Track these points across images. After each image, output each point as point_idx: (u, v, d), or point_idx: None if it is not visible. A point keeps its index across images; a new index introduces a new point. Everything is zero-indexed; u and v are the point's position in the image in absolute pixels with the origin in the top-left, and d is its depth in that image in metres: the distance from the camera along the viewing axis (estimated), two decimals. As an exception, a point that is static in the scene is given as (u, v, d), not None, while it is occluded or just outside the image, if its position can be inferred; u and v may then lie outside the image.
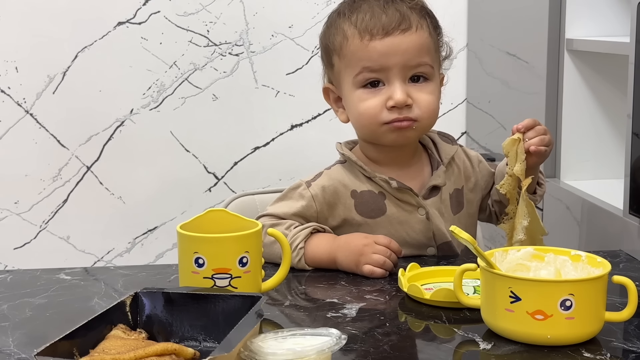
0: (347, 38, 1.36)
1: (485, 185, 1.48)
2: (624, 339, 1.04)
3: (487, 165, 1.50)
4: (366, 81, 1.36)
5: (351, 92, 1.38)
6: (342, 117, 1.44)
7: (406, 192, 1.39)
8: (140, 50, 2.22)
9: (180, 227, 1.13)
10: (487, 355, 1.00)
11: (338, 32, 1.38)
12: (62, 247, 2.28)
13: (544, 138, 1.33)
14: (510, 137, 1.33)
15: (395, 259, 1.31)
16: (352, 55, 1.36)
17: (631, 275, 1.08)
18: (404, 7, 1.37)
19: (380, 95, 1.35)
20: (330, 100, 1.45)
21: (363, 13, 1.36)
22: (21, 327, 1.09)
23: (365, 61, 1.35)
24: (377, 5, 1.37)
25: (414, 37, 1.35)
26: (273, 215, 1.39)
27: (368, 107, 1.36)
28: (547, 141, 1.33)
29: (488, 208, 1.49)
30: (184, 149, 2.29)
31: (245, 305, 0.98)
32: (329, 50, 1.41)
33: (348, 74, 1.37)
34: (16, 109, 2.21)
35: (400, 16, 1.35)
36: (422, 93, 1.36)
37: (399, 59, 1.34)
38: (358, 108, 1.37)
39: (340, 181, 1.40)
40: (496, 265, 1.05)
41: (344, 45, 1.37)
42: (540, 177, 1.43)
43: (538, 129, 1.33)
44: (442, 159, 1.43)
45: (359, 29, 1.35)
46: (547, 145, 1.33)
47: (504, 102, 2.21)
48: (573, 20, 1.87)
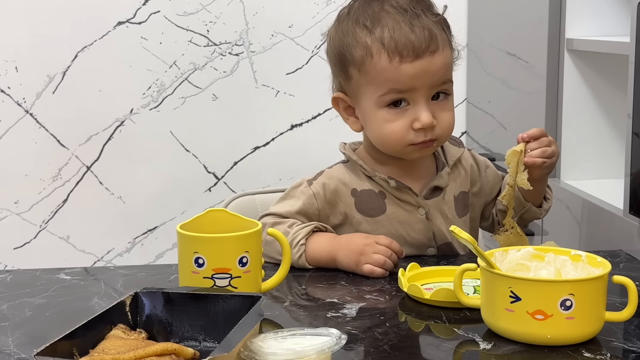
0: (372, 55, 1.32)
1: (490, 191, 1.47)
2: (624, 339, 1.04)
3: (495, 171, 1.48)
4: (391, 101, 1.33)
5: (373, 109, 1.34)
6: (354, 126, 1.40)
7: (405, 192, 1.39)
8: (140, 50, 2.22)
9: (180, 227, 1.13)
10: (487, 355, 1.00)
11: (358, 45, 1.33)
12: (62, 247, 2.28)
13: (545, 150, 1.31)
14: (512, 147, 1.32)
15: (396, 259, 1.31)
16: (378, 74, 1.32)
17: (631, 275, 1.08)
18: (430, 23, 1.33)
19: (405, 117, 1.33)
20: (340, 108, 1.41)
21: (389, 29, 1.31)
22: (21, 327, 1.09)
23: (394, 83, 1.31)
24: (403, 21, 1.32)
25: (441, 57, 1.33)
26: (275, 214, 1.39)
27: (394, 129, 1.33)
28: (549, 153, 1.31)
29: (491, 217, 1.48)
30: (184, 149, 2.29)
31: (245, 305, 0.98)
32: (345, 61, 1.36)
33: (371, 91, 1.34)
34: (16, 109, 2.21)
35: (429, 36, 1.32)
36: (444, 111, 1.35)
37: (428, 80, 1.32)
38: (382, 129, 1.34)
39: (341, 180, 1.41)
40: (496, 265, 1.05)
41: (368, 62, 1.32)
42: (548, 191, 1.42)
43: (542, 140, 1.32)
44: (447, 160, 1.43)
45: (388, 49, 1.31)
46: (549, 157, 1.31)
47: (504, 102, 2.21)
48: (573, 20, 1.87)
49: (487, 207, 1.48)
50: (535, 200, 1.40)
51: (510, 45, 2.14)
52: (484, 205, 1.48)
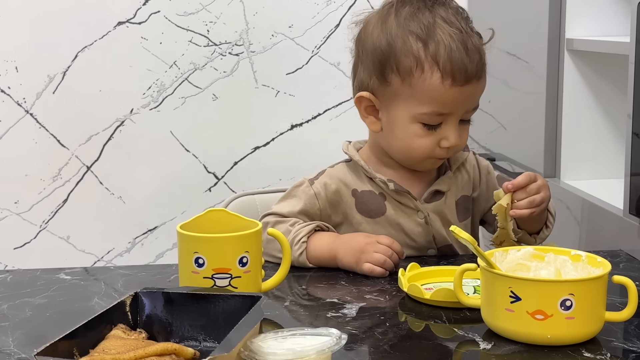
0: (423, 70, 1.29)
1: (488, 198, 1.45)
2: (624, 339, 1.04)
3: (494, 180, 1.46)
4: (429, 122, 1.32)
5: (406, 121, 1.33)
6: (374, 127, 1.38)
7: (405, 195, 1.39)
8: (140, 50, 2.22)
9: (180, 227, 1.13)
10: (487, 355, 1.00)
11: (408, 54, 1.30)
12: (62, 247, 2.27)
13: (533, 200, 1.28)
14: (499, 202, 1.28)
15: (397, 259, 1.31)
16: (425, 90, 1.30)
17: (631, 275, 1.08)
18: (480, 46, 1.33)
19: (435, 135, 1.32)
20: (361, 106, 1.38)
21: (445, 47, 1.29)
22: (21, 327, 1.09)
23: (438, 104, 1.30)
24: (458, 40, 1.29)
25: (482, 83, 1.34)
26: (277, 214, 1.39)
27: (424, 145, 1.33)
28: (537, 202, 1.28)
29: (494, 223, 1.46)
30: (184, 149, 2.29)
31: (245, 305, 0.98)
32: (387, 64, 1.32)
33: (410, 103, 1.31)
34: (16, 109, 2.20)
35: (480, 62, 1.31)
36: (465, 132, 1.36)
37: (468, 105, 1.33)
38: (411, 142, 1.33)
39: (342, 180, 1.40)
40: (496, 265, 1.05)
41: (416, 74, 1.30)
42: (549, 218, 1.40)
43: (530, 188, 1.28)
44: (450, 164, 1.43)
45: (442, 69, 1.28)
46: (537, 205, 1.28)
47: (504, 102, 2.21)
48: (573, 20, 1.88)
49: (487, 213, 1.47)
50: (531, 228, 1.38)
51: (510, 45, 2.14)
52: (482, 212, 1.47)
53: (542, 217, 1.38)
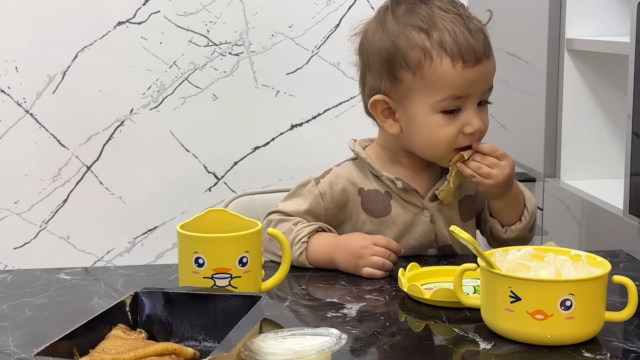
0: (432, 58, 1.29)
1: (483, 199, 1.45)
2: (624, 339, 1.04)
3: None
4: (449, 107, 1.31)
5: (426, 114, 1.32)
6: (393, 129, 1.36)
7: (412, 194, 1.39)
8: (140, 50, 2.22)
9: (180, 227, 1.13)
10: (487, 355, 1.00)
11: (414, 47, 1.30)
12: (62, 247, 2.27)
13: (480, 167, 1.31)
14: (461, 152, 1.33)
15: (395, 258, 1.31)
16: (438, 78, 1.29)
17: (631, 275, 1.08)
18: (482, 26, 1.33)
19: (457, 122, 1.32)
20: (377, 111, 1.37)
21: (449, 32, 1.29)
22: (21, 327, 1.09)
23: (454, 88, 1.30)
24: (460, 24, 1.30)
25: (493, 62, 1.34)
26: (282, 212, 1.39)
27: (447, 134, 1.32)
28: (482, 173, 1.31)
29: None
30: (184, 149, 2.29)
31: (245, 305, 0.98)
32: (395, 63, 1.32)
33: (426, 95, 1.31)
34: (16, 109, 2.20)
35: (485, 40, 1.31)
36: (485, 115, 1.36)
37: (483, 86, 1.32)
38: (435, 134, 1.32)
39: (349, 178, 1.40)
40: (496, 265, 1.05)
41: (426, 65, 1.29)
42: (525, 213, 1.39)
43: (487, 158, 1.31)
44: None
45: (451, 53, 1.28)
46: (483, 176, 1.31)
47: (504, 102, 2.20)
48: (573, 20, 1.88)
49: (482, 212, 1.46)
50: (502, 218, 1.39)
51: (510, 45, 2.14)
52: (478, 211, 1.46)
53: (515, 209, 1.38)
